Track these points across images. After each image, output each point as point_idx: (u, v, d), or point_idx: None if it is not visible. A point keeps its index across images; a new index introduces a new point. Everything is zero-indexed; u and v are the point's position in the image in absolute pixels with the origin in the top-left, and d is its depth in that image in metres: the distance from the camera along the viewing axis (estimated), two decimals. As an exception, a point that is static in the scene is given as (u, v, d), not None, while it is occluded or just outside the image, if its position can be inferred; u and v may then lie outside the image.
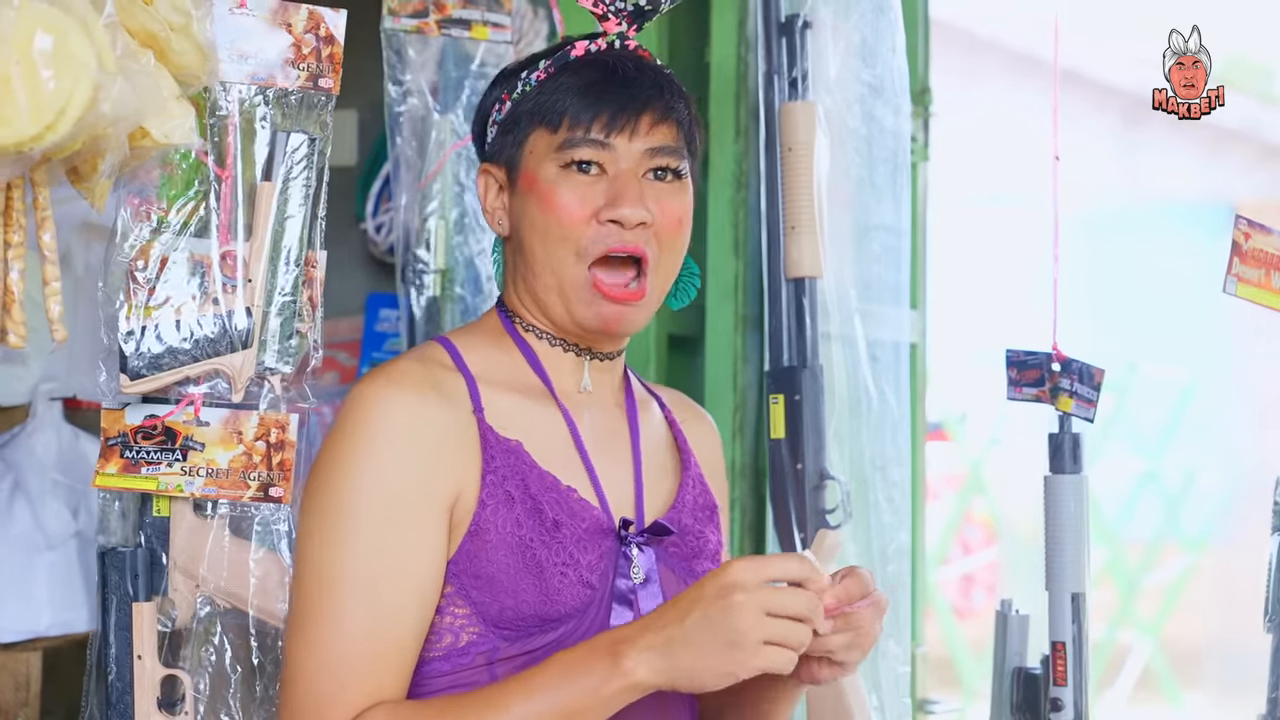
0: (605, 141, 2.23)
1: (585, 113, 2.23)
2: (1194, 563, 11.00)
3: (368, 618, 2.09)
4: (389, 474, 2.13)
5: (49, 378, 3.30)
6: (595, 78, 2.25)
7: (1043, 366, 2.63)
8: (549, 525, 2.18)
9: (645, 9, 2.32)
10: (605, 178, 2.23)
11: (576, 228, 2.22)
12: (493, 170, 2.32)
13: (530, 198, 2.25)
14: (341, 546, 2.11)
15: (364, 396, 2.17)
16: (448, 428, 2.17)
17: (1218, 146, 13.90)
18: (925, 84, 4.22)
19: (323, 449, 2.18)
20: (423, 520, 2.14)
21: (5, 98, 1.81)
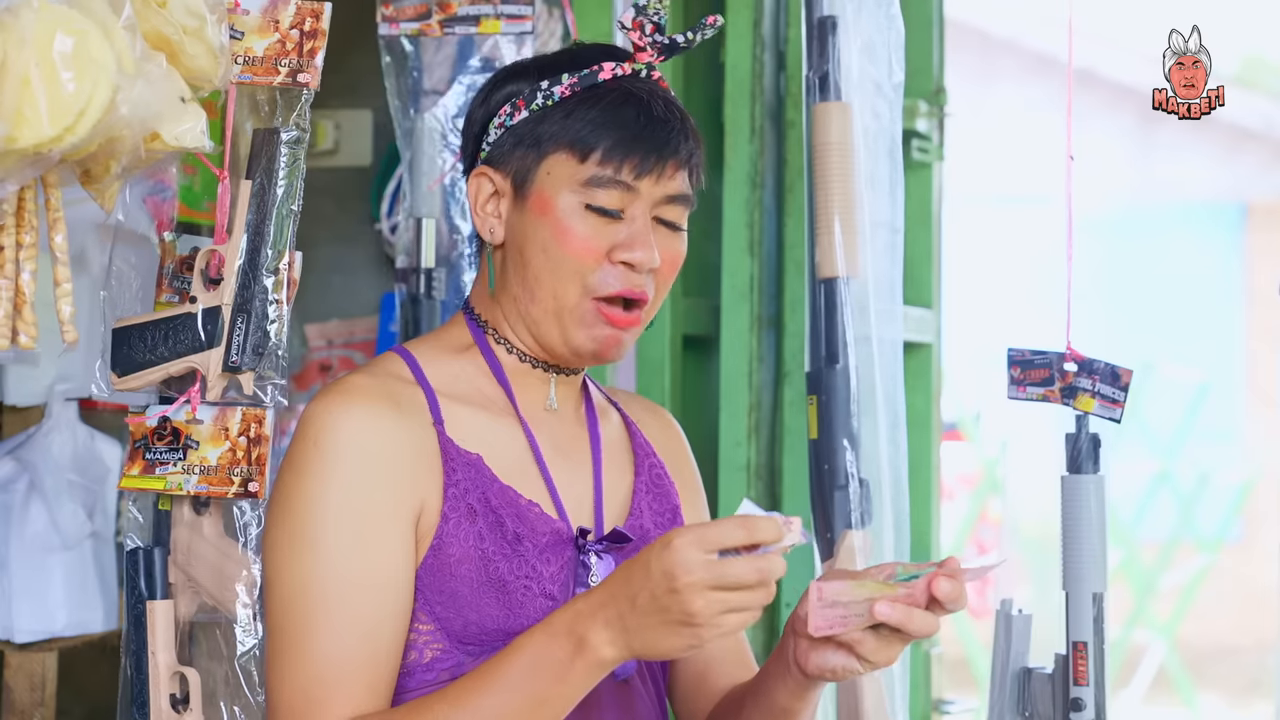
0: (632, 185, 2.20)
1: (617, 152, 2.20)
2: (1209, 563, 10.99)
3: (342, 634, 2.08)
4: (351, 488, 2.11)
5: (64, 378, 3.31)
6: (630, 116, 2.22)
7: (1052, 366, 2.62)
8: (510, 539, 2.17)
9: (680, 45, 2.30)
10: (621, 221, 2.21)
11: (588, 263, 2.19)
12: (492, 175, 2.27)
13: (542, 221, 2.21)
14: (311, 565, 2.09)
15: (317, 413, 2.14)
16: (406, 440, 2.15)
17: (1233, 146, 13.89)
18: (940, 84, 4.22)
19: (282, 468, 2.16)
20: (390, 532, 2.12)
21: (25, 99, 1.82)
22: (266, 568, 2.14)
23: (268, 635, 2.13)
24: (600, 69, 2.25)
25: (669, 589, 1.93)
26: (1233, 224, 14.43)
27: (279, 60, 2.24)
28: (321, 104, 4.37)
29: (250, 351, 2.22)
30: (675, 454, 2.48)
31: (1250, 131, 13.83)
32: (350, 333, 4.39)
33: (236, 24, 2.23)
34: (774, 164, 3.79)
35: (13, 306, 1.93)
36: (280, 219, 2.23)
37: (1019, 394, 2.67)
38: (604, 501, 2.31)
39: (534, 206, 2.22)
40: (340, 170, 4.44)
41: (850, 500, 2.88)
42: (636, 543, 2.27)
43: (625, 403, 2.47)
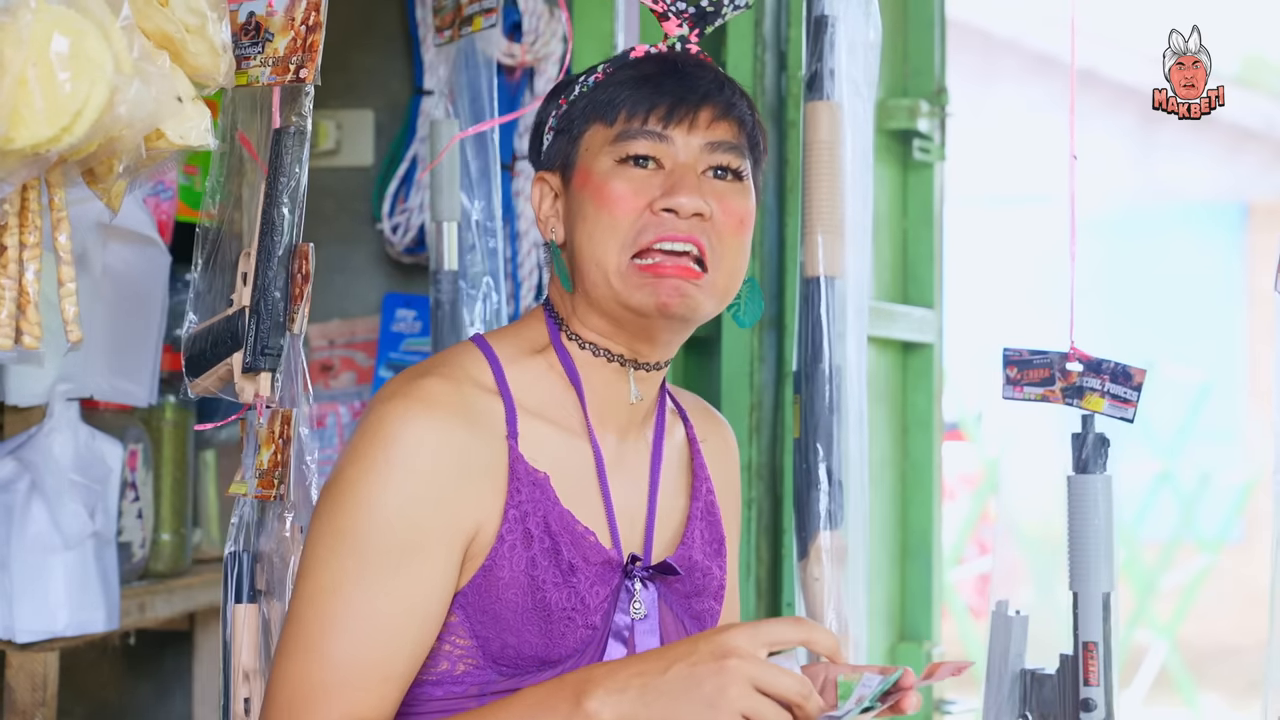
0: (662, 134, 2.15)
1: (641, 104, 2.15)
2: (1210, 563, 10.99)
3: (359, 643, 2.04)
4: (409, 505, 2.06)
5: (65, 378, 3.30)
6: (652, 70, 2.18)
7: (1053, 366, 2.62)
8: (564, 568, 2.13)
9: (708, 11, 2.27)
10: (662, 172, 2.16)
11: (628, 218, 2.14)
12: (547, 177, 2.24)
13: (584, 194, 2.17)
14: (349, 566, 2.05)
15: (389, 418, 2.08)
16: (475, 457, 2.10)
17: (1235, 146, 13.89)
18: (941, 84, 4.22)
19: (341, 466, 2.11)
20: (437, 553, 2.08)
21: (22, 100, 1.82)
22: (306, 555, 2.09)
23: (287, 620, 2.08)
24: (632, 50, 2.25)
25: (715, 666, 1.91)
26: (1234, 224, 14.43)
27: (291, 58, 2.24)
28: (323, 104, 4.39)
29: (259, 352, 2.21)
30: (728, 474, 2.45)
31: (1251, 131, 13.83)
32: (352, 332, 4.39)
33: (269, 26, 2.23)
34: (775, 164, 3.79)
35: (16, 306, 1.92)
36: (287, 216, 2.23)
37: (1015, 394, 2.66)
38: (656, 525, 2.27)
39: (578, 185, 2.19)
40: (342, 170, 4.44)
41: (821, 500, 2.87)
42: (683, 576, 2.25)
43: (692, 412, 2.42)
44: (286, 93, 2.27)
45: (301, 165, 2.24)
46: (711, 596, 2.32)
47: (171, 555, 3.79)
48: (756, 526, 3.65)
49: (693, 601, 2.29)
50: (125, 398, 3.50)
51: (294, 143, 2.23)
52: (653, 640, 2.21)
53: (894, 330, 4.05)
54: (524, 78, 3.85)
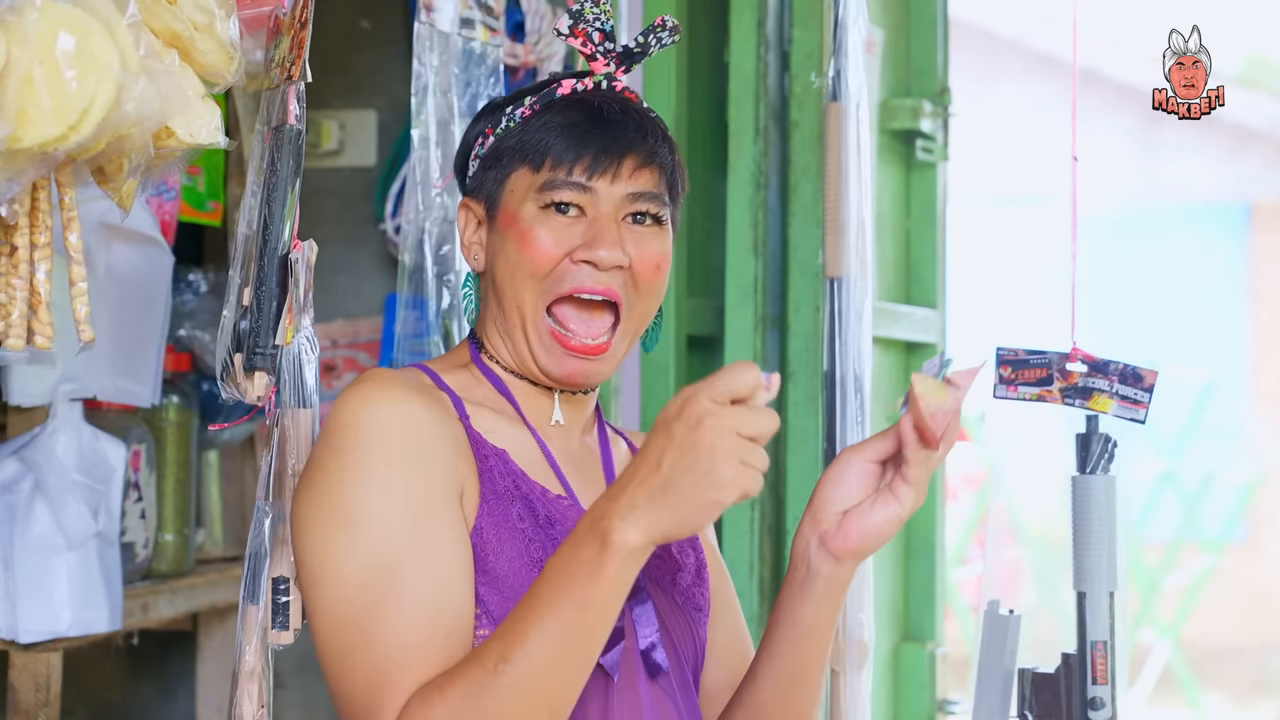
0: (586, 185, 2.20)
1: (568, 154, 2.20)
2: (1214, 563, 10.99)
3: (411, 616, 2.02)
4: (398, 467, 2.07)
5: (69, 378, 3.31)
6: (579, 118, 2.22)
7: (1051, 366, 2.61)
8: (543, 523, 2.15)
9: (635, 52, 2.29)
10: (584, 220, 2.20)
11: (546, 265, 2.19)
12: (472, 205, 2.29)
13: (508, 234, 2.21)
14: (368, 550, 2.04)
15: (351, 400, 2.11)
16: (441, 425, 2.13)
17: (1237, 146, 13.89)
18: (944, 84, 4.22)
19: (315, 458, 2.12)
20: (441, 507, 2.09)
21: (29, 98, 1.82)
22: (311, 564, 2.08)
23: (327, 629, 2.06)
24: (559, 85, 2.27)
25: (694, 436, 1.86)
26: (1237, 224, 14.43)
27: (288, 56, 2.24)
28: (326, 104, 4.40)
29: (252, 351, 2.21)
30: None
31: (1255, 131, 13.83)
32: (355, 333, 4.39)
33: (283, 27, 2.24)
34: (778, 164, 3.79)
35: (28, 306, 1.93)
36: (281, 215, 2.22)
37: (1009, 394, 2.66)
38: None
39: (503, 224, 2.23)
40: (344, 170, 4.44)
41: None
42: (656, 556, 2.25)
43: (632, 436, 2.46)
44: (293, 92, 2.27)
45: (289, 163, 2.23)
46: (693, 574, 2.33)
47: (174, 555, 3.80)
48: (760, 526, 3.66)
49: (678, 577, 2.31)
50: (128, 398, 3.50)
51: (284, 141, 2.22)
52: (646, 610, 2.21)
53: (897, 330, 4.05)
54: (527, 78, 3.85)
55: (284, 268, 2.22)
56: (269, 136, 2.25)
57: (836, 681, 2.86)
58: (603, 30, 2.28)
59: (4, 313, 1.92)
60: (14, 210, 1.91)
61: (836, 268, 2.93)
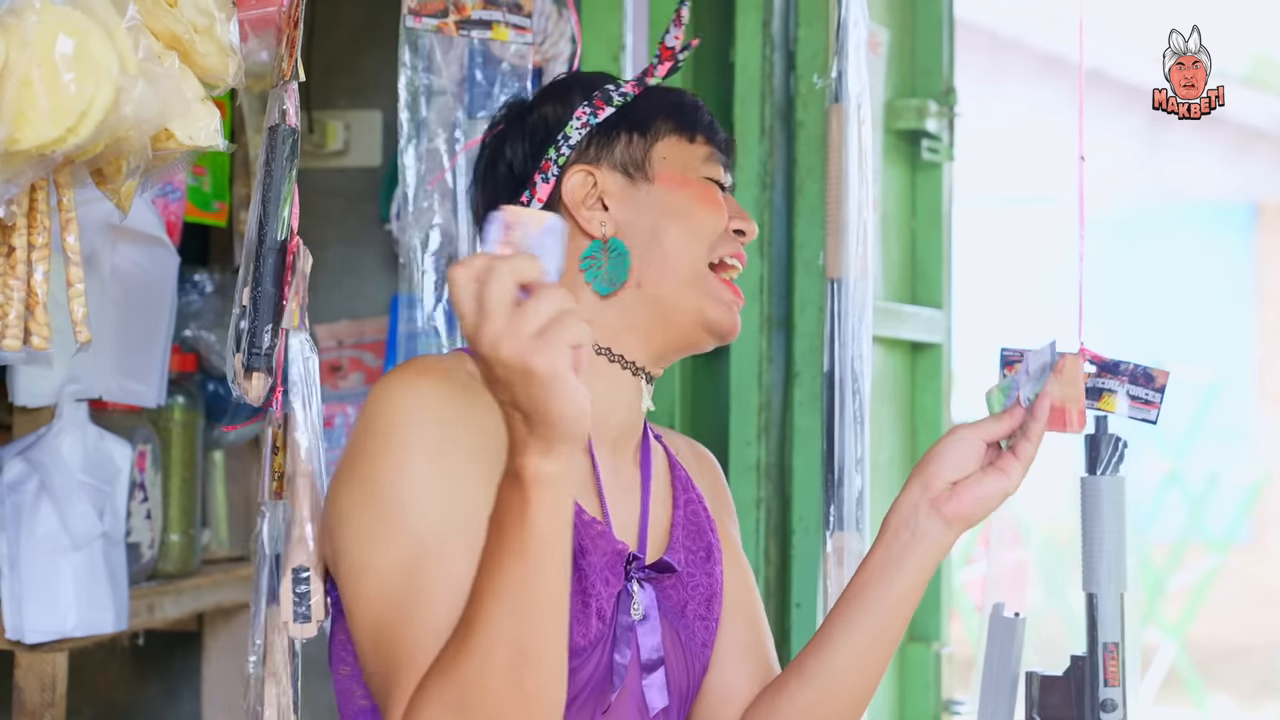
0: (725, 164, 2.36)
1: (716, 135, 2.36)
2: (1219, 563, 10.99)
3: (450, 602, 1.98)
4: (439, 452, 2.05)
5: (74, 379, 3.31)
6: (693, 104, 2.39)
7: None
8: (575, 551, 2.07)
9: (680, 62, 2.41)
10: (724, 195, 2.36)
11: (720, 226, 2.31)
12: (594, 171, 2.28)
13: (680, 194, 2.29)
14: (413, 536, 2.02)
15: (389, 392, 2.08)
16: (481, 420, 2.06)
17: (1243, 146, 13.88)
18: (950, 84, 4.22)
19: (358, 448, 2.09)
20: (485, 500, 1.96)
21: (27, 100, 1.82)
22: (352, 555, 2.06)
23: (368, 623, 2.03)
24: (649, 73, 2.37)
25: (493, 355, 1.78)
26: (1242, 224, 14.43)
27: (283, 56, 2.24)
28: (331, 104, 4.40)
29: (250, 351, 2.20)
30: (714, 486, 2.49)
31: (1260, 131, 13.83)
32: (360, 333, 4.39)
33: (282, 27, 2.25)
34: (784, 164, 3.78)
35: (25, 307, 1.93)
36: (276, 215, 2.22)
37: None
38: (649, 532, 2.29)
39: (665, 182, 2.29)
40: (350, 171, 4.44)
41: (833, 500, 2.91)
42: (672, 582, 2.27)
43: (666, 437, 2.47)
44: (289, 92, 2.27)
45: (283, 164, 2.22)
46: (701, 604, 2.33)
47: (180, 556, 3.80)
48: (765, 527, 3.65)
49: (685, 608, 2.30)
50: (134, 398, 3.50)
51: (278, 141, 2.22)
52: (653, 639, 2.22)
53: (902, 330, 4.05)
54: (534, 78, 3.85)
55: (279, 268, 2.22)
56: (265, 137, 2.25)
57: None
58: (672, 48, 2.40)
59: (1, 313, 1.92)
60: (12, 211, 1.91)
61: (837, 269, 2.93)
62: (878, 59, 3.95)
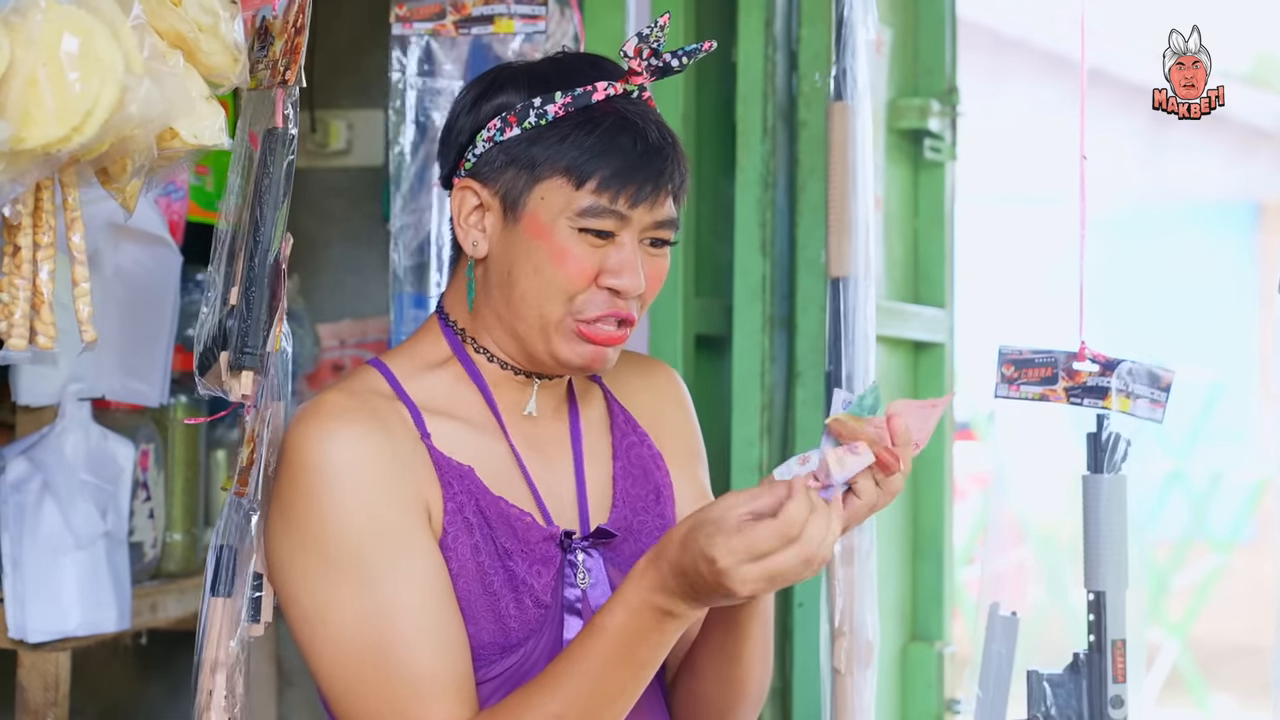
0: (626, 214, 2.22)
1: (615, 182, 2.20)
2: (1222, 563, 10.97)
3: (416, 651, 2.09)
4: (371, 505, 2.11)
5: (77, 378, 3.31)
6: (627, 143, 2.22)
7: (1057, 365, 2.61)
8: (502, 553, 2.19)
9: (674, 68, 2.30)
10: (611, 244, 2.23)
11: (580, 286, 2.21)
12: (478, 189, 2.26)
13: (537, 244, 2.21)
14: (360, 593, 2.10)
15: (306, 439, 2.14)
16: (398, 454, 2.16)
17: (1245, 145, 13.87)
18: (952, 83, 4.22)
19: (282, 498, 2.15)
20: (420, 537, 2.14)
21: (32, 100, 1.82)
22: (303, 603, 2.13)
23: (332, 668, 2.12)
24: (594, 89, 2.25)
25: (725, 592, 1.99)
26: (1245, 224, 14.41)
27: (282, 59, 2.24)
28: (334, 104, 4.40)
29: (240, 350, 2.21)
30: (664, 412, 2.49)
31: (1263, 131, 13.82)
32: (363, 332, 4.39)
33: (273, 30, 2.24)
34: (786, 164, 3.79)
35: (30, 306, 1.93)
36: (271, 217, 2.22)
37: (1011, 393, 2.65)
38: (588, 497, 2.32)
39: (527, 228, 2.22)
40: (353, 170, 4.44)
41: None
42: (622, 537, 2.30)
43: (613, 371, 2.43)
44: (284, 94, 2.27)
45: (283, 166, 2.23)
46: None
47: (183, 555, 3.80)
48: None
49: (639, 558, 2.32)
50: (137, 398, 3.50)
51: (276, 143, 2.22)
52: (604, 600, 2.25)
53: (905, 330, 4.05)
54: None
55: (276, 270, 2.22)
56: (254, 138, 2.25)
57: (841, 681, 2.86)
58: (654, 49, 2.29)
59: (6, 312, 1.92)
60: (17, 210, 1.91)
61: (839, 267, 2.93)
62: (880, 58, 3.95)
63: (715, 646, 2.32)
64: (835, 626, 2.87)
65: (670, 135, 2.28)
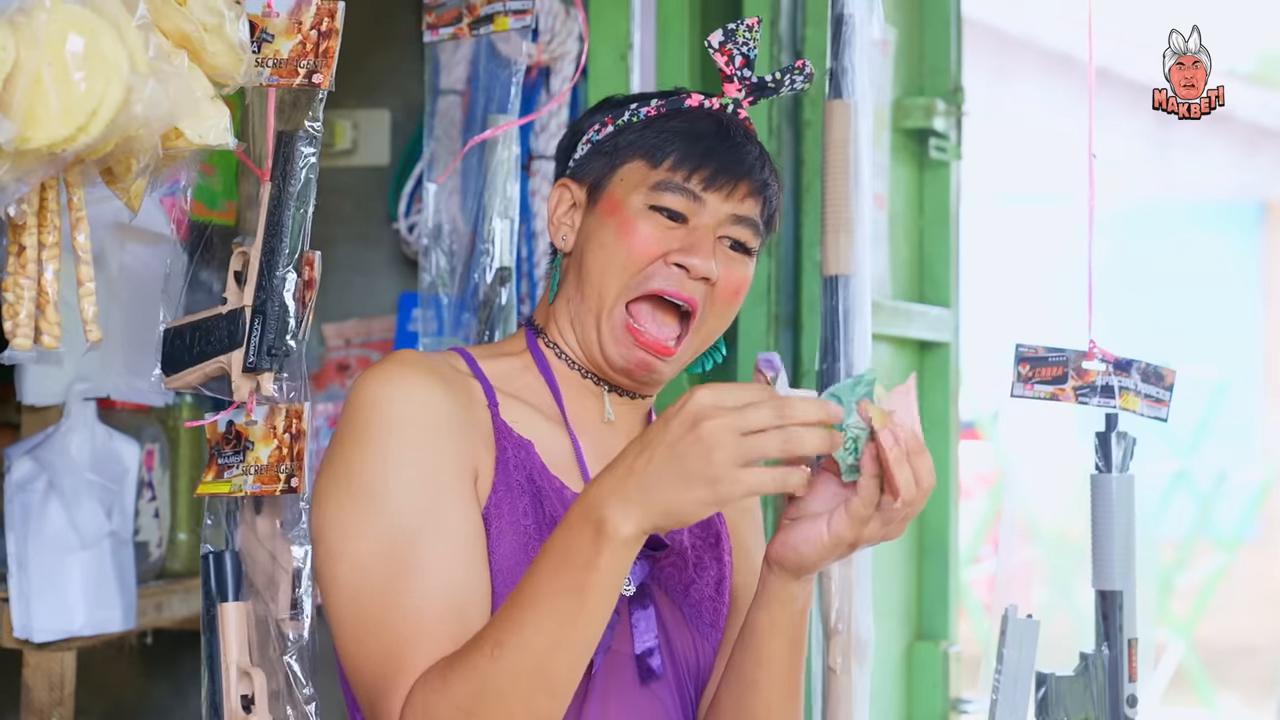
0: (699, 195, 2.22)
1: (689, 160, 2.23)
2: (1227, 562, 10.98)
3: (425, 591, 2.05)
4: (413, 446, 2.11)
5: (82, 378, 3.31)
6: (707, 130, 2.25)
7: (1068, 364, 2.61)
8: (548, 521, 2.16)
9: (769, 86, 2.33)
10: (685, 228, 2.23)
11: (642, 260, 2.21)
12: (572, 186, 2.32)
13: (609, 220, 2.24)
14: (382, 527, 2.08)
15: (372, 380, 2.15)
16: (459, 409, 2.16)
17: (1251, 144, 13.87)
18: (958, 82, 4.22)
19: (340, 443, 2.15)
20: (456, 486, 2.12)
21: (37, 99, 1.82)
22: (328, 539, 2.11)
23: (343, 604, 2.10)
24: (689, 96, 2.31)
25: (691, 436, 1.85)
26: (1251, 222, 14.41)
27: (299, 62, 2.24)
28: (339, 104, 4.39)
29: (264, 353, 2.21)
30: None
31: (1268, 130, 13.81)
32: (368, 332, 4.39)
33: (269, 27, 2.23)
34: (791, 164, 3.78)
35: (35, 306, 1.93)
36: (296, 220, 2.22)
37: (1025, 391, 2.65)
38: None
39: (604, 210, 2.26)
40: (358, 170, 4.44)
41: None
42: (671, 557, 2.27)
43: None
44: (289, 95, 2.27)
45: (311, 170, 2.23)
46: (710, 586, 2.33)
47: (188, 555, 3.80)
48: (771, 527, 3.65)
49: (690, 589, 2.31)
50: (142, 397, 3.50)
51: (305, 147, 2.22)
52: (646, 615, 2.22)
53: (910, 329, 4.05)
54: (539, 77, 3.85)
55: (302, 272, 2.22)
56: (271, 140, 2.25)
57: (835, 680, 2.86)
58: (745, 57, 2.33)
59: (12, 312, 1.92)
60: (22, 210, 1.91)
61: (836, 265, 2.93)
62: (885, 58, 3.95)
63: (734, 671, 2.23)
64: (830, 625, 2.87)
65: (759, 144, 2.30)
